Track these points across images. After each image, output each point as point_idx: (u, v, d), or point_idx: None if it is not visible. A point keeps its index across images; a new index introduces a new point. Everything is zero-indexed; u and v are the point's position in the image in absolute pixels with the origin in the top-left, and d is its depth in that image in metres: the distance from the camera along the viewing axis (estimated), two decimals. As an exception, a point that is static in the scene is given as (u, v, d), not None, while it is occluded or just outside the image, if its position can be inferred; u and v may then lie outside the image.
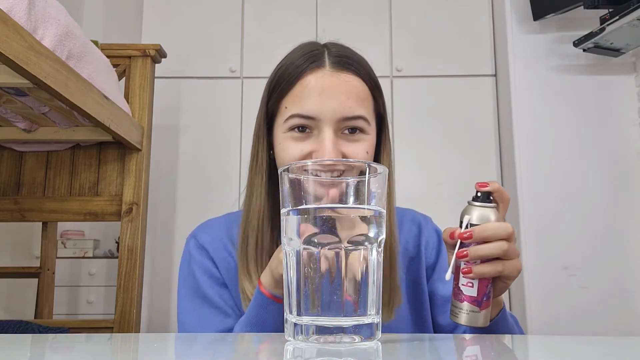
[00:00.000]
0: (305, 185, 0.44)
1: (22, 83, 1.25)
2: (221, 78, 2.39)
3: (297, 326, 0.43)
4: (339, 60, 0.75)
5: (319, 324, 0.42)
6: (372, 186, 0.45)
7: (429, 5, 2.44)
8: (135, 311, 1.77)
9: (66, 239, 2.57)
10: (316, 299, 0.43)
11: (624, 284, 2.03)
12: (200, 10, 2.44)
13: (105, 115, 1.57)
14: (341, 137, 0.73)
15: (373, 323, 0.44)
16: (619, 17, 1.85)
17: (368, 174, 0.45)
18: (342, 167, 0.70)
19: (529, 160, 2.13)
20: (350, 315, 0.43)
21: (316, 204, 0.44)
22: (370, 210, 0.45)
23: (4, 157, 1.88)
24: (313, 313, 0.43)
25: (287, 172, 0.45)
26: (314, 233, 0.43)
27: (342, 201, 0.44)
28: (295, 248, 0.44)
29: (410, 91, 2.38)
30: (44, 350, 0.48)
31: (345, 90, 0.73)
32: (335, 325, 0.42)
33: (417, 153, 2.33)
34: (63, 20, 1.32)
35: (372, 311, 0.44)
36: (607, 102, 2.17)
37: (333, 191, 0.44)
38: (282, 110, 0.75)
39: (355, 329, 0.43)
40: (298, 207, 0.44)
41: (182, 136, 2.37)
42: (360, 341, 0.43)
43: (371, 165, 0.45)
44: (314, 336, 0.42)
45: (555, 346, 0.50)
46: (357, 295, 0.44)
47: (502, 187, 0.62)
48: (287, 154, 0.73)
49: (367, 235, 0.44)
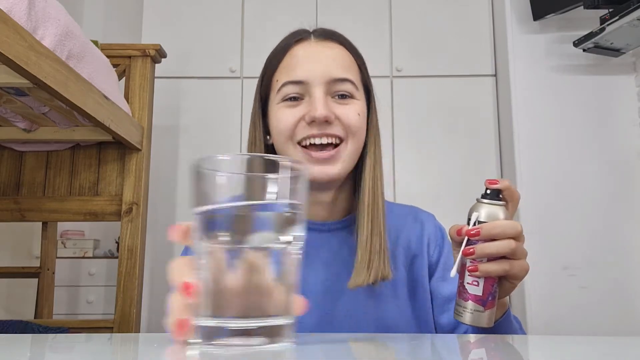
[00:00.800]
0: (214, 182, 0.42)
1: (22, 83, 1.25)
2: (221, 78, 2.39)
3: (201, 328, 0.41)
4: (322, 32, 0.79)
5: (227, 327, 0.40)
6: (286, 183, 0.43)
7: (429, 5, 2.44)
8: (135, 311, 1.77)
9: (66, 239, 2.57)
10: (223, 300, 0.41)
11: (624, 284, 2.03)
12: (200, 10, 2.44)
13: (105, 115, 1.57)
14: (332, 101, 0.75)
15: (283, 324, 0.42)
16: (619, 17, 1.85)
17: (281, 171, 0.43)
18: (332, 122, 0.73)
19: (529, 160, 2.13)
20: (258, 317, 0.41)
21: (226, 202, 0.41)
22: (286, 207, 0.42)
23: (4, 157, 1.88)
24: (220, 315, 0.41)
25: (197, 166, 0.42)
26: (223, 232, 0.41)
27: (257, 198, 0.42)
28: (203, 248, 0.42)
29: (410, 91, 2.38)
30: (44, 350, 0.48)
31: (330, 55, 0.76)
32: (243, 327, 0.40)
33: (417, 153, 2.33)
34: (63, 20, 1.32)
35: (282, 312, 0.42)
36: (607, 102, 2.17)
37: (247, 188, 0.42)
38: (274, 85, 0.78)
39: (265, 331, 0.41)
40: (206, 205, 0.41)
41: (182, 136, 2.37)
42: (268, 343, 0.41)
43: (286, 161, 0.43)
44: (219, 339, 0.40)
45: (555, 346, 0.50)
46: (266, 297, 0.42)
47: (512, 186, 0.62)
48: (280, 122, 0.75)
49: (281, 234, 0.42)
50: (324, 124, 0.73)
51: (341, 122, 0.74)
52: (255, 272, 0.41)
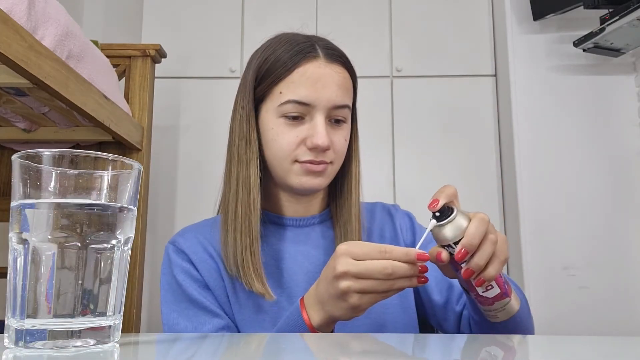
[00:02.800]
0: (46, 176, 0.39)
1: (22, 83, 1.24)
2: (221, 78, 2.39)
3: (19, 331, 0.38)
4: (331, 53, 0.81)
5: (46, 328, 0.38)
6: (123, 182, 0.42)
7: (429, 5, 2.44)
8: (135, 311, 1.77)
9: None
10: (43, 299, 0.39)
11: (624, 284, 2.03)
12: (200, 10, 2.44)
13: (105, 115, 1.57)
14: (328, 125, 0.80)
15: (111, 325, 0.41)
16: (619, 17, 1.85)
17: (118, 170, 0.42)
18: (328, 152, 0.79)
19: (529, 160, 2.13)
20: (83, 317, 0.39)
21: (56, 197, 0.39)
22: (117, 206, 0.42)
23: (4, 157, 1.88)
24: (42, 317, 0.39)
25: (25, 159, 0.40)
26: (51, 228, 0.39)
27: (89, 196, 0.41)
28: (26, 244, 0.39)
29: (410, 91, 2.38)
30: (43, 350, 0.48)
31: (337, 81, 0.79)
32: (66, 329, 0.39)
33: (417, 153, 2.33)
34: (63, 20, 1.32)
35: (111, 312, 0.41)
36: (607, 102, 2.17)
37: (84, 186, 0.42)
38: (275, 95, 0.79)
39: (90, 332, 0.39)
40: (35, 199, 0.39)
41: (182, 136, 2.37)
42: (94, 344, 0.40)
43: (124, 161, 0.43)
44: (39, 342, 0.38)
45: (555, 346, 0.50)
46: (94, 296, 0.40)
47: (442, 188, 0.62)
48: (282, 141, 0.79)
49: (111, 233, 0.41)
50: (322, 151, 0.78)
51: (333, 148, 0.80)
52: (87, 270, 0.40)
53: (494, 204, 2.27)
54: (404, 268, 0.58)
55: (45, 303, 0.39)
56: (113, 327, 0.41)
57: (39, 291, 0.39)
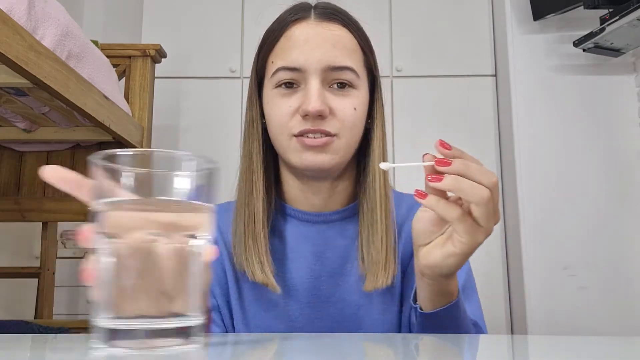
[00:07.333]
0: (119, 176, 0.40)
1: (22, 83, 1.24)
2: (221, 78, 2.39)
3: (106, 330, 0.39)
4: (324, 12, 0.73)
5: (132, 328, 0.38)
6: (196, 179, 0.42)
7: (429, 5, 2.44)
8: (135, 311, 1.77)
9: (66, 239, 2.56)
10: (129, 299, 0.39)
11: (624, 284, 2.03)
12: (200, 10, 2.44)
13: (105, 115, 1.57)
14: (329, 91, 0.70)
15: (195, 325, 0.41)
16: (619, 17, 1.85)
17: (193, 167, 0.42)
18: (326, 114, 0.69)
19: (529, 160, 2.13)
20: (168, 317, 0.39)
21: (132, 196, 0.39)
22: (192, 204, 0.41)
23: (4, 157, 1.88)
24: (128, 316, 0.39)
25: (100, 160, 0.40)
26: (129, 228, 0.39)
27: (161, 194, 0.40)
28: (107, 244, 0.40)
29: (410, 91, 2.37)
30: (44, 351, 0.48)
31: (330, 39, 0.70)
32: (150, 328, 0.39)
33: (417, 153, 2.32)
34: (63, 20, 1.32)
35: (193, 312, 0.41)
36: (607, 102, 2.17)
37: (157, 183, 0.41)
38: (269, 67, 0.74)
39: (174, 332, 0.39)
40: (111, 199, 0.40)
41: (182, 136, 2.37)
42: (180, 344, 0.39)
43: (197, 157, 0.42)
44: (126, 340, 0.38)
45: (555, 346, 0.50)
46: (176, 295, 0.40)
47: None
48: (276, 112, 0.71)
49: (187, 231, 0.41)
50: (318, 118, 0.68)
51: (336, 117, 0.70)
52: (169, 269, 0.39)
53: (494, 204, 2.27)
54: None
55: (130, 302, 0.39)
56: (196, 327, 0.41)
57: (124, 291, 0.39)
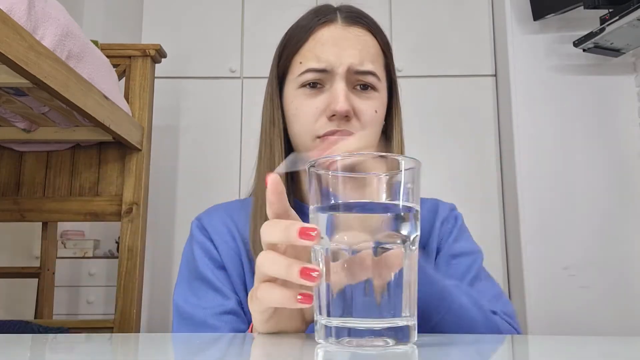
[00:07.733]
0: (334, 182, 0.42)
1: (22, 83, 1.25)
2: (221, 78, 2.39)
3: (327, 328, 0.41)
4: (350, 16, 0.75)
5: (351, 326, 0.40)
6: (405, 181, 0.43)
7: (429, 5, 2.44)
8: (135, 311, 1.77)
9: (66, 239, 2.56)
10: (347, 300, 0.41)
11: (624, 284, 2.03)
12: (200, 10, 2.44)
13: (105, 115, 1.57)
14: (353, 92, 0.73)
15: (408, 325, 0.42)
16: (619, 17, 1.85)
17: (401, 169, 0.43)
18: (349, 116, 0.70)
19: (529, 160, 2.13)
20: (383, 317, 0.41)
21: (346, 201, 0.42)
22: (403, 206, 0.42)
23: (4, 157, 1.88)
24: (344, 315, 0.41)
25: (315, 167, 0.43)
26: (344, 231, 0.41)
27: (374, 197, 0.42)
28: (325, 247, 0.42)
29: (411, 91, 2.37)
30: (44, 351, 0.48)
31: (357, 44, 0.73)
32: (367, 328, 0.40)
33: (416, 153, 2.32)
34: (63, 20, 1.32)
35: (407, 313, 0.42)
36: (607, 102, 2.17)
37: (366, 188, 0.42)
38: (295, 66, 0.75)
39: (389, 332, 0.40)
40: (327, 204, 0.42)
41: (182, 136, 2.37)
42: (393, 344, 0.40)
43: (405, 159, 0.43)
44: (345, 339, 0.40)
45: (555, 346, 0.50)
46: (390, 296, 0.41)
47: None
48: (301, 112, 0.73)
49: (400, 233, 0.42)
50: (344, 119, 0.71)
51: (358, 118, 0.72)
52: (383, 271, 0.41)
53: (494, 204, 2.27)
54: None
55: (347, 302, 0.41)
56: (410, 327, 0.42)
57: (341, 291, 0.41)
